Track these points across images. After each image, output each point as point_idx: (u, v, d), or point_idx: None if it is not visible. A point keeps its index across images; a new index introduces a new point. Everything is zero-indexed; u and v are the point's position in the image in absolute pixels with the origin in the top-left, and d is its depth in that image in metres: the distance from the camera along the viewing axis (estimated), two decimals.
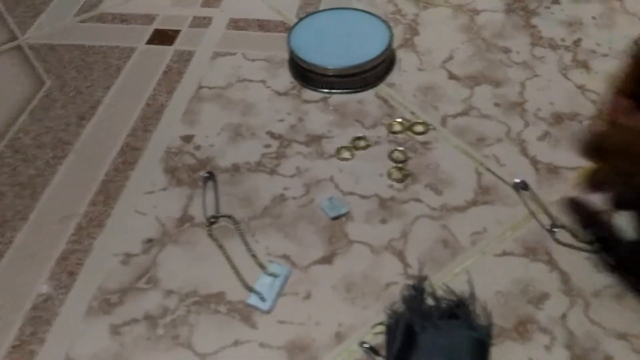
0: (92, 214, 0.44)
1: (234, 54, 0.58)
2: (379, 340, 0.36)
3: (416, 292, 0.36)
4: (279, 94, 0.54)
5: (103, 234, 0.42)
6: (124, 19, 0.64)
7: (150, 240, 0.42)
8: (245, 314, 0.37)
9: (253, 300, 0.38)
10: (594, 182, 0.35)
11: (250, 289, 0.38)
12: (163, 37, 0.61)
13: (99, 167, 0.47)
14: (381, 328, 0.36)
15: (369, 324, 0.37)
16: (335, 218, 0.43)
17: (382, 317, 0.36)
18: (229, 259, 0.40)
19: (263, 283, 0.39)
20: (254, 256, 0.41)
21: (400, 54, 0.57)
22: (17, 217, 0.44)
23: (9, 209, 0.45)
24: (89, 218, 0.44)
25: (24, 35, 0.62)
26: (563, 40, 0.56)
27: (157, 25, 0.63)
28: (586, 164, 0.44)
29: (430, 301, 0.36)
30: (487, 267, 0.39)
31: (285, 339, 0.36)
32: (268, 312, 0.37)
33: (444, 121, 0.49)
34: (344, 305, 0.38)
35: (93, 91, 0.55)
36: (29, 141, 0.50)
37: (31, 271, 0.40)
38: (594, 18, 0.58)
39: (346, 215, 0.43)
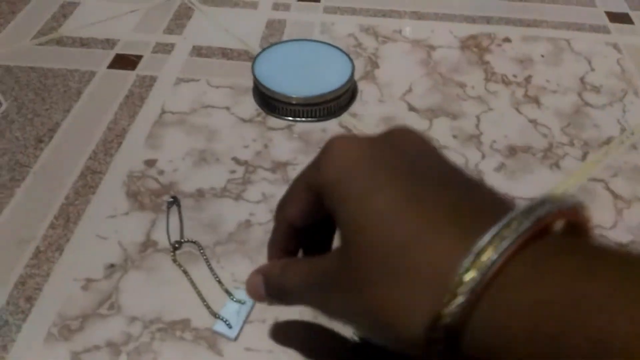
0: (51, 238, 0.43)
1: (197, 80, 0.59)
2: None
3: None
4: (244, 120, 0.54)
5: (63, 259, 0.41)
6: (84, 42, 0.63)
7: (112, 266, 0.41)
8: (212, 341, 0.37)
9: (219, 327, 0.37)
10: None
11: (216, 316, 0.38)
12: (124, 61, 0.61)
13: (58, 191, 0.46)
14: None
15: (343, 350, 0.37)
16: None
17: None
18: (194, 285, 0.40)
19: (229, 310, 0.38)
20: (219, 282, 0.40)
21: (362, 86, 0.58)
22: None
23: None
24: (48, 242, 0.42)
25: None
26: (515, 76, 0.60)
27: (118, 50, 0.62)
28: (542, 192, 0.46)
29: None
30: None
31: None
32: (235, 339, 0.37)
33: None
34: (312, 332, 0.38)
35: (52, 114, 0.54)
36: None
37: None
38: (542, 56, 0.62)
39: None
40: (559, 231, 0.20)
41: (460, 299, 0.18)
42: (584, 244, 0.20)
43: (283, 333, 0.38)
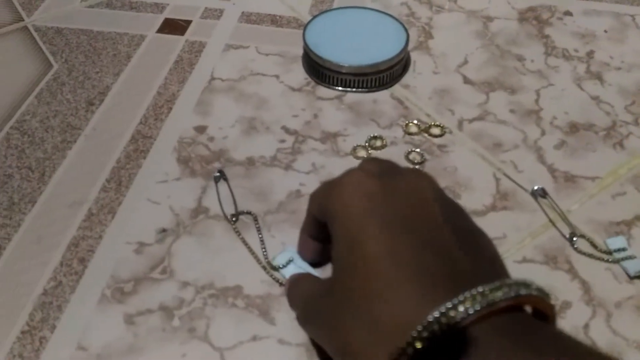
0: (103, 200, 0.43)
1: (246, 47, 0.58)
2: None
3: None
4: (293, 89, 0.53)
5: (115, 222, 0.41)
6: (133, 6, 0.63)
7: (164, 230, 0.41)
8: (264, 310, 0.37)
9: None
10: None
11: (272, 267, 0.38)
12: (174, 26, 0.60)
13: (109, 154, 0.46)
14: None
15: None
16: None
17: None
18: (252, 252, 0.39)
19: (289, 270, 0.38)
20: (264, 251, 0.40)
21: (415, 56, 0.56)
22: (25, 200, 0.43)
23: (16, 191, 0.43)
24: (100, 205, 0.42)
25: (30, 17, 0.61)
26: (576, 51, 0.57)
27: (167, 14, 0.62)
28: (605, 172, 0.44)
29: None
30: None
31: (304, 337, 0.35)
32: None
33: (460, 125, 0.49)
34: None
35: (102, 77, 0.53)
36: (36, 124, 0.49)
37: (41, 255, 0.39)
38: (605, 32, 0.59)
39: None
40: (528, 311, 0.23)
41: (410, 350, 0.20)
42: (534, 326, 0.22)
43: None
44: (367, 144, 0.48)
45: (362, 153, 0.47)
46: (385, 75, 0.53)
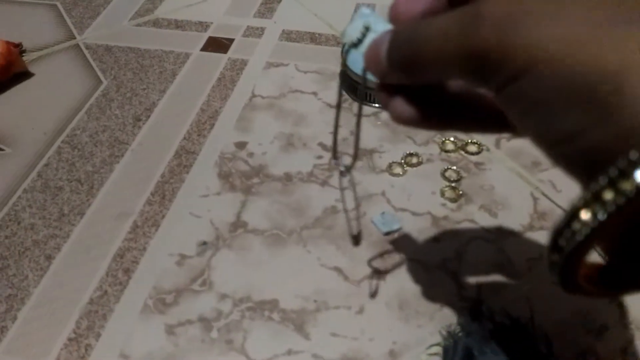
0: (147, 213, 0.44)
1: (286, 65, 0.59)
2: None
3: (474, 315, 0.36)
4: (330, 106, 0.54)
5: (158, 234, 0.43)
6: (179, 24, 0.65)
7: (204, 243, 0.42)
8: (299, 324, 0.37)
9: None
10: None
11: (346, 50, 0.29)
12: (217, 44, 0.62)
13: (154, 168, 0.48)
14: (437, 349, 0.35)
15: (424, 344, 0.36)
16: (388, 233, 0.43)
17: (437, 338, 0.36)
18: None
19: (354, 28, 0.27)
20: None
21: None
22: (74, 211, 0.45)
23: (66, 203, 0.45)
24: (145, 217, 0.44)
25: (82, 36, 0.64)
26: None
27: (211, 32, 0.64)
28: None
29: (488, 325, 0.36)
30: (545, 295, 0.38)
31: (339, 353, 0.36)
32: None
33: (497, 142, 0.49)
34: (397, 323, 0.38)
35: (149, 93, 0.56)
36: (86, 138, 0.51)
37: (87, 265, 0.41)
38: None
39: (398, 231, 0.43)
40: None
41: None
42: None
43: (368, 320, 0.38)
44: (403, 161, 0.48)
45: (398, 170, 0.48)
46: None
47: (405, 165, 0.48)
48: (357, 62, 0.27)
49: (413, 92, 0.24)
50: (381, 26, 0.25)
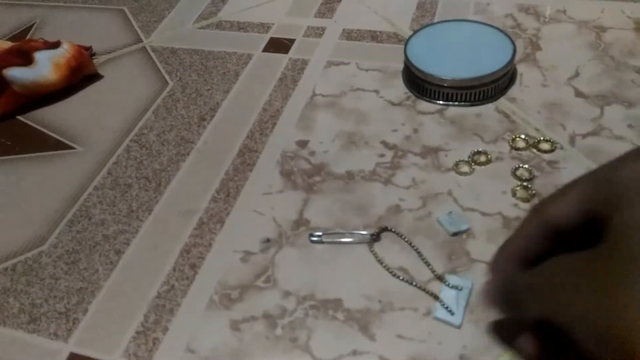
0: (213, 210, 0.45)
1: (347, 64, 0.58)
2: None
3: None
4: (393, 104, 0.53)
5: (224, 230, 0.43)
6: (241, 26, 0.66)
7: (268, 240, 0.42)
8: (364, 325, 0.37)
9: (441, 313, 0.37)
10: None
11: (436, 298, 0.37)
12: (278, 45, 0.62)
13: (219, 166, 0.48)
14: (510, 357, 0.34)
15: (495, 351, 0.35)
16: (455, 234, 0.41)
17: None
18: (404, 271, 0.40)
19: (447, 295, 0.37)
20: (427, 264, 0.39)
21: (521, 69, 0.55)
22: (143, 208, 0.46)
23: (135, 200, 0.47)
24: (210, 214, 0.44)
25: (148, 39, 0.65)
26: None
27: (272, 33, 0.64)
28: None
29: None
30: None
31: (406, 355, 0.35)
32: (459, 326, 0.36)
33: (572, 140, 0.47)
34: (467, 327, 0.36)
35: (213, 94, 0.57)
36: (153, 137, 0.52)
37: (155, 260, 0.42)
38: None
39: (467, 232, 0.41)
40: None
41: None
42: None
43: (435, 323, 0.36)
44: (470, 159, 0.47)
45: (465, 168, 0.46)
46: (490, 88, 0.52)
47: (473, 164, 0.47)
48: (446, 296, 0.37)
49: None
50: (463, 296, 0.37)
